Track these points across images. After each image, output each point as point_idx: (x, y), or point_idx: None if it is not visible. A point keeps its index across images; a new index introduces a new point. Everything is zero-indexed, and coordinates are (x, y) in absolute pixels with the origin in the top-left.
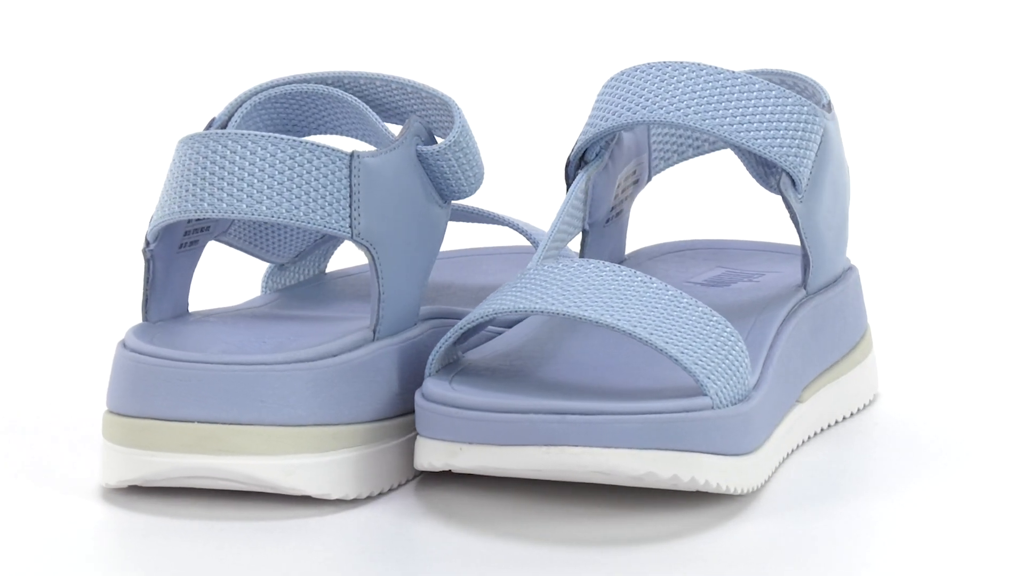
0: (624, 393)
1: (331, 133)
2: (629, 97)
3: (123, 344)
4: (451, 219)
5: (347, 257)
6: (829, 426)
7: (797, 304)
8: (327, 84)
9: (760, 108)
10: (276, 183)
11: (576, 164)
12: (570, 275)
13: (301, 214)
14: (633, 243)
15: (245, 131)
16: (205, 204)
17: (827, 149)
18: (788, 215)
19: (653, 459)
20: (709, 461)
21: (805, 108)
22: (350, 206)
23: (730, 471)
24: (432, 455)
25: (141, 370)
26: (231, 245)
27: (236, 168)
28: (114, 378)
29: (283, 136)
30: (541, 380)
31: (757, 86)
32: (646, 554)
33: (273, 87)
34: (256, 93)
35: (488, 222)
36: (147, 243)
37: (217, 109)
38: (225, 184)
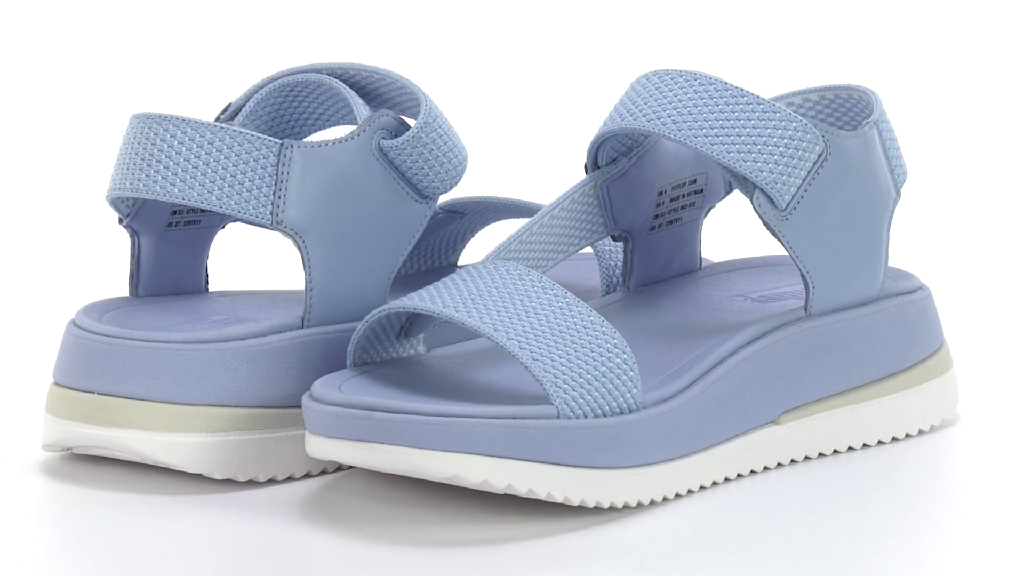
0: (484, 397)
1: (337, 125)
2: (626, 104)
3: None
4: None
5: None
6: (835, 452)
7: (783, 324)
8: (334, 75)
9: (742, 121)
10: (191, 167)
11: (592, 169)
12: (474, 277)
13: (214, 199)
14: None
15: (174, 115)
16: (127, 183)
17: (840, 168)
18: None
19: (458, 462)
20: (541, 470)
21: (793, 124)
22: (274, 194)
23: (578, 483)
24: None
25: (68, 342)
26: None
27: (156, 150)
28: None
29: (208, 122)
30: (444, 381)
31: (745, 99)
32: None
33: (289, 74)
34: (272, 80)
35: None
36: (119, 219)
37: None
38: (145, 165)
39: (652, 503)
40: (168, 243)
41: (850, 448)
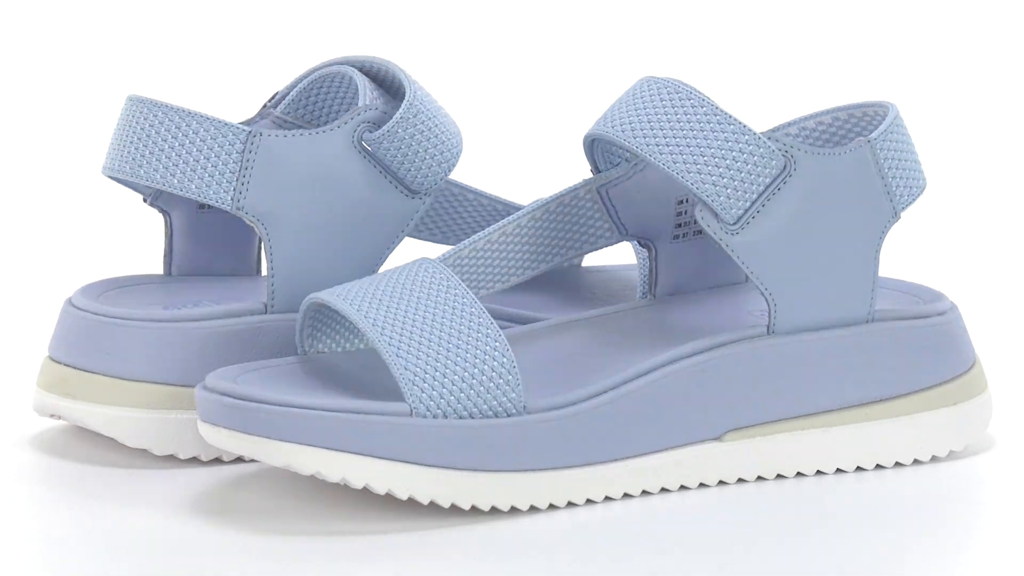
0: (364, 393)
1: None
2: (608, 110)
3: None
4: None
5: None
6: (799, 474)
7: (736, 340)
8: (363, 68)
9: (694, 132)
10: (157, 149)
11: (594, 173)
12: (390, 274)
13: (176, 181)
14: None
15: (151, 99)
16: (107, 162)
17: (808, 186)
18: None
19: (288, 451)
20: (384, 467)
21: (745, 138)
22: (237, 179)
23: (428, 482)
24: None
25: (60, 315)
26: None
27: (131, 132)
28: None
29: (179, 107)
30: (355, 375)
31: (704, 110)
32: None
33: (328, 66)
34: (314, 71)
35: None
36: (143, 199)
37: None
38: (121, 146)
39: (534, 508)
40: (202, 224)
41: (819, 472)
